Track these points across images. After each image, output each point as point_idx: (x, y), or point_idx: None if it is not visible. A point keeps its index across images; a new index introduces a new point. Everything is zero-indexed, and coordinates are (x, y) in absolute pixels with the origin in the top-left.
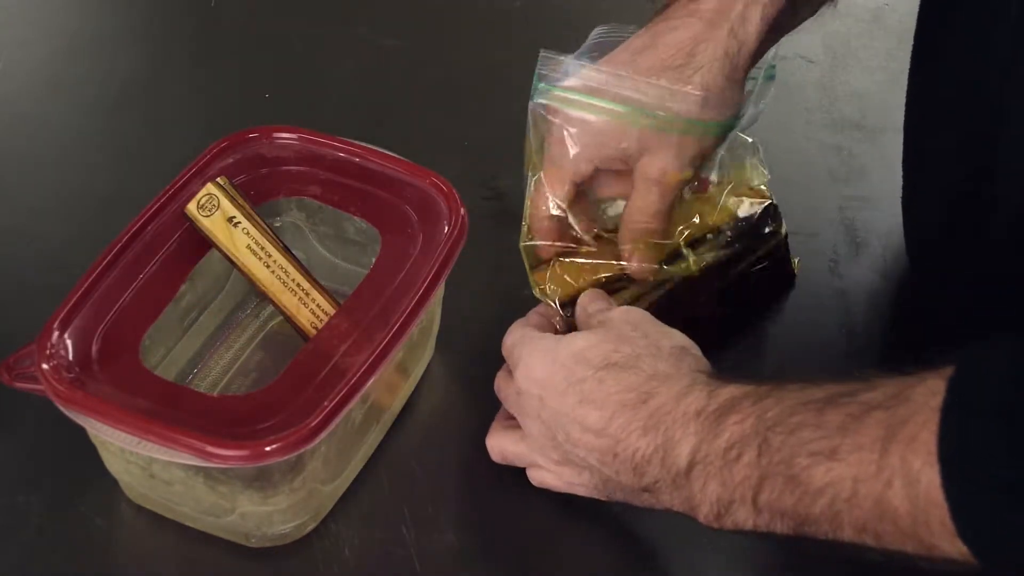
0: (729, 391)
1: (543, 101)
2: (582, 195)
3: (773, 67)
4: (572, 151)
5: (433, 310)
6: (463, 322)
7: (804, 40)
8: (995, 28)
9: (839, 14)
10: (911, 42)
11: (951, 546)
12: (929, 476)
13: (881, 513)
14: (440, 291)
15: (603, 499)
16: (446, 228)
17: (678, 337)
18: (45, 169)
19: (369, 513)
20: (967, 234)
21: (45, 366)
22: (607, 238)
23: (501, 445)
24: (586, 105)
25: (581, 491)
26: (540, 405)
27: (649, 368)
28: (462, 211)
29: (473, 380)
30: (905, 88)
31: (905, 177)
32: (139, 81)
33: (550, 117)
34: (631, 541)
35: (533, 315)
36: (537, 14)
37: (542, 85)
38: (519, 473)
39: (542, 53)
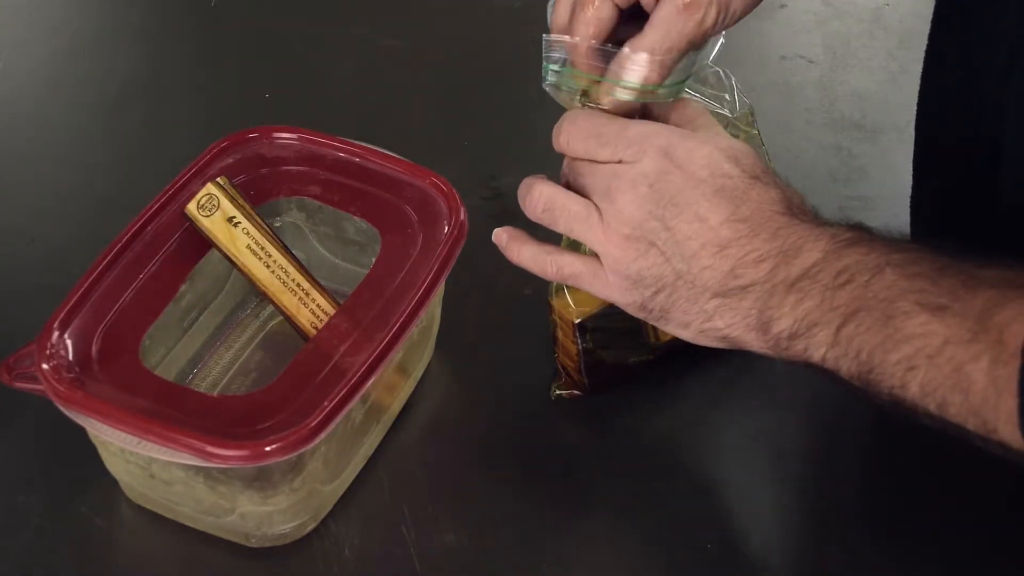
0: (864, 233)
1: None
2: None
3: None
4: None
5: (433, 310)
6: (463, 322)
7: (804, 40)
8: (995, 27)
9: (839, 14)
10: (911, 42)
11: (1010, 434)
12: (1013, 365)
13: (957, 381)
14: (440, 291)
15: (626, 300)
16: (446, 228)
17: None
18: (45, 169)
19: (369, 513)
20: (970, 233)
21: (45, 366)
22: None
23: (555, 194)
24: None
25: (610, 283)
26: (663, 175)
27: (796, 200)
28: (462, 211)
29: (473, 380)
30: (905, 88)
31: (914, 175)
32: (139, 81)
33: None
34: (632, 540)
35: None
36: (537, 14)
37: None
38: (519, 473)
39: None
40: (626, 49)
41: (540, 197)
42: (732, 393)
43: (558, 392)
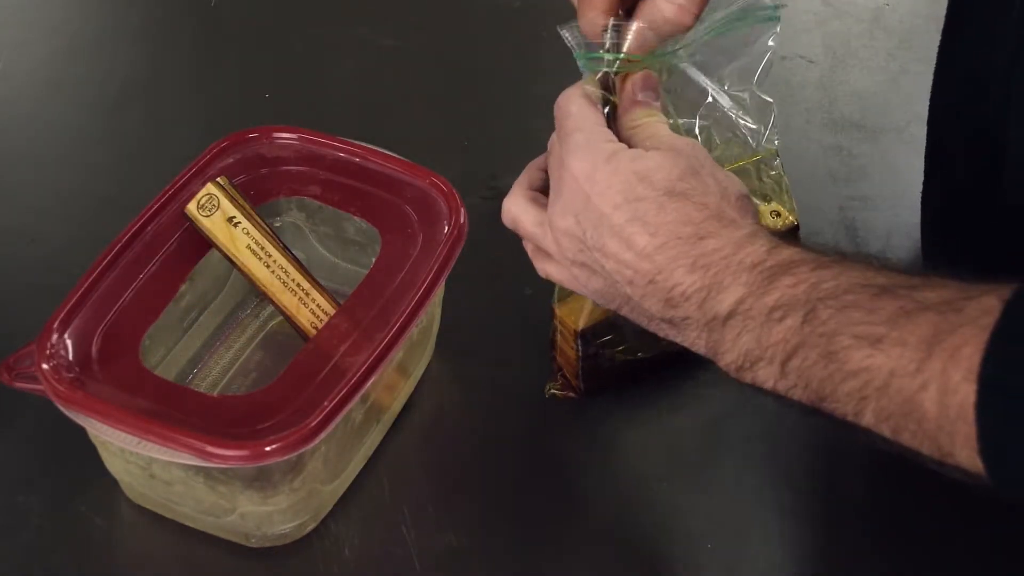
0: (790, 252)
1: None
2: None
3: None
4: None
5: (433, 310)
6: (463, 322)
7: (804, 40)
8: (1001, 25)
9: (839, 14)
10: (911, 42)
11: (968, 460)
12: (966, 391)
13: (909, 411)
14: (440, 291)
15: (602, 304)
16: (446, 228)
17: (740, 183)
18: (45, 169)
19: (369, 513)
20: (976, 229)
21: (45, 366)
22: None
23: (517, 214)
24: None
25: (583, 292)
26: (583, 204)
27: (714, 207)
28: (462, 211)
29: (473, 380)
30: (905, 88)
31: (925, 171)
32: (139, 81)
33: None
34: (632, 540)
35: (580, 89)
36: (537, 14)
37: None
38: (519, 473)
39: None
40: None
41: (506, 212)
42: (732, 392)
43: (552, 392)
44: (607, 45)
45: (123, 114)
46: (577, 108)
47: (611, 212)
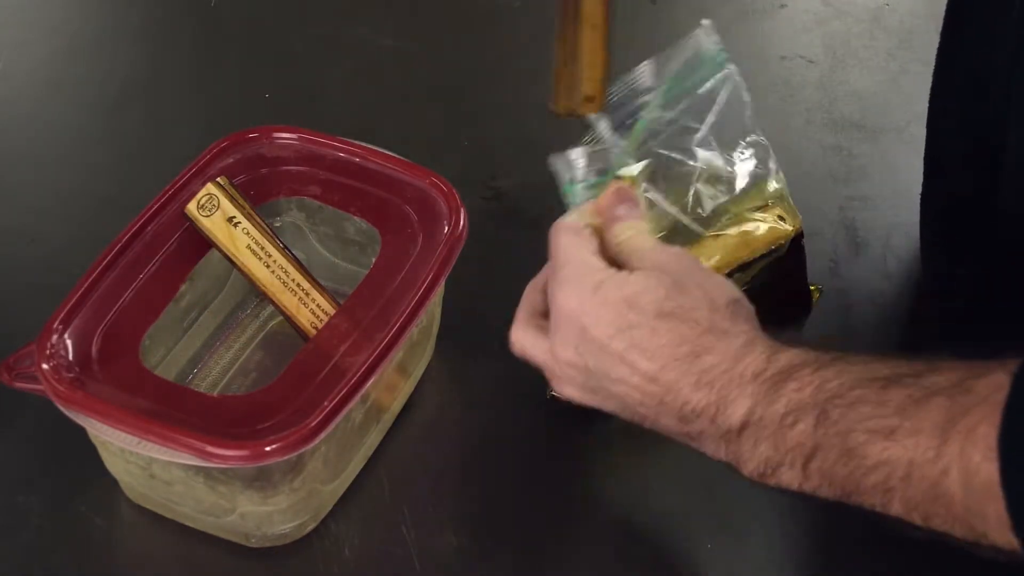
0: (788, 356)
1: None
2: None
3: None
4: None
5: (433, 310)
6: (463, 322)
7: (804, 40)
8: (1000, 23)
9: (839, 14)
10: (911, 42)
11: (1002, 537)
12: (988, 470)
13: (935, 497)
14: (440, 291)
15: (625, 417)
16: (446, 228)
17: (729, 287)
18: (45, 169)
19: (369, 513)
20: (975, 230)
21: (45, 366)
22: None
23: (525, 345)
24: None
25: (600, 407)
26: (580, 336)
27: (705, 321)
28: (462, 211)
29: (473, 380)
30: (905, 88)
31: (924, 171)
32: (139, 81)
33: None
34: (632, 540)
35: (570, 221)
36: (537, 14)
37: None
38: (519, 473)
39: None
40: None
41: (515, 345)
42: None
43: (553, 392)
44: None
45: (123, 114)
46: (564, 241)
47: (608, 342)
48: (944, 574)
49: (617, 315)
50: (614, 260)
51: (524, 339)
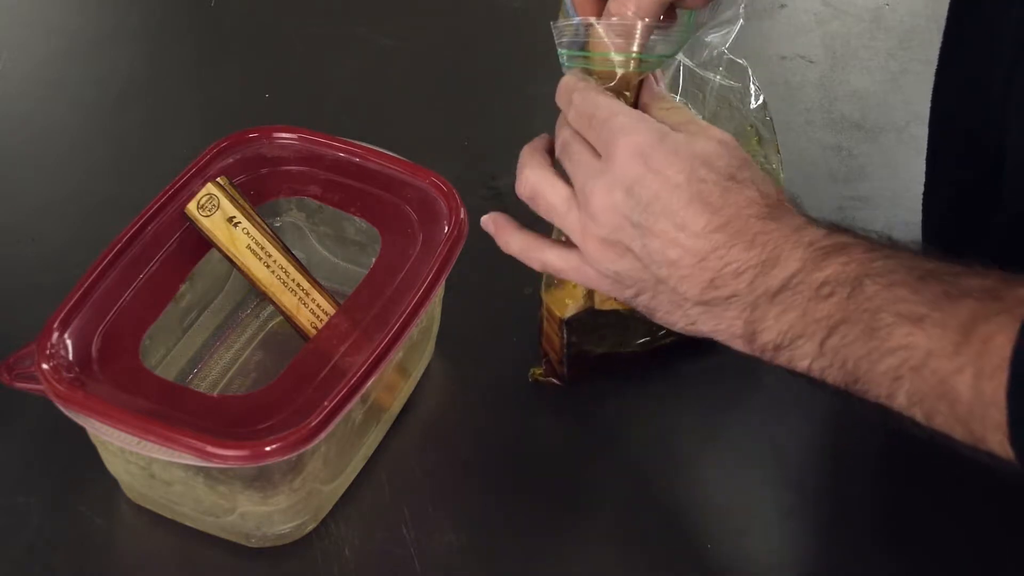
0: (845, 237)
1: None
2: None
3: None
4: None
5: (433, 310)
6: (463, 322)
7: (804, 40)
8: (999, 27)
9: (839, 14)
10: (911, 42)
11: (999, 446)
12: (999, 379)
13: (943, 392)
14: (440, 291)
15: (612, 294)
16: (446, 228)
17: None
18: (45, 169)
19: (369, 513)
20: (975, 232)
21: (45, 366)
22: None
23: (540, 184)
24: None
25: (588, 278)
26: (637, 179)
27: (774, 196)
28: (462, 211)
29: (473, 380)
30: (905, 88)
31: (926, 171)
32: (139, 81)
33: None
34: (633, 540)
35: (596, 89)
36: (537, 14)
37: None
38: (519, 473)
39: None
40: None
41: (527, 183)
42: (732, 391)
43: (537, 377)
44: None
45: (123, 114)
46: (604, 97)
47: (670, 192)
48: (945, 573)
49: (689, 166)
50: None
51: (543, 179)
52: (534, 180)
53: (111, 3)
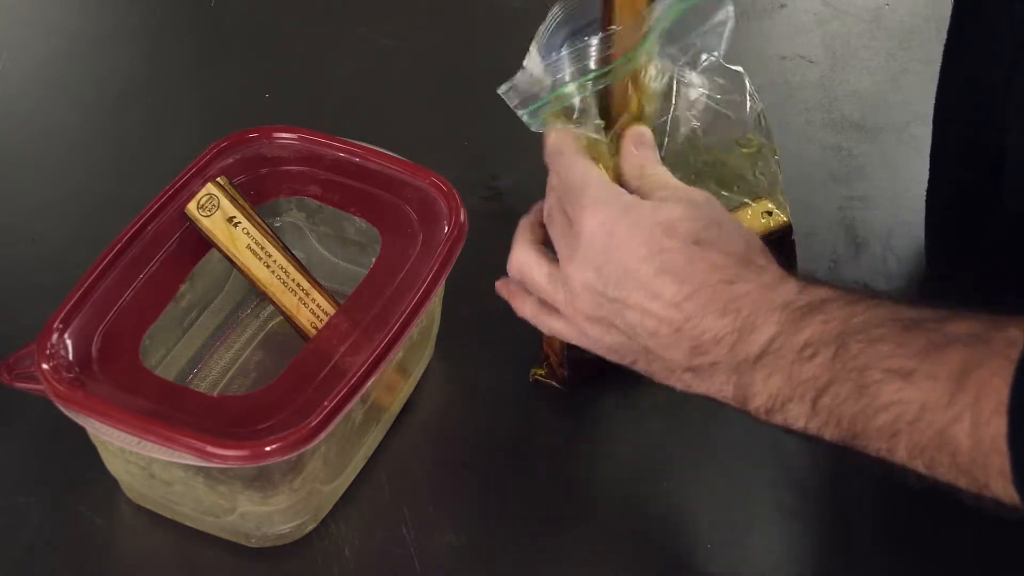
0: (819, 291)
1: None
2: None
3: None
4: None
5: (433, 310)
6: (463, 322)
7: (804, 40)
8: (1001, 26)
9: (839, 14)
10: (911, 42)
11: (1003, 491)
12: (997, 424)
13: (942, 443)
14: (440, 291)
15: (610, 359)
16: (446, 228)
17: (757, 238)
18: (45, 169)
19: (369, 513)
20: (976, 231)
21: (45, 366)
22: None
23: (525, 266)
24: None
25: (590, 346)
26: (604, 258)
27: (741, 255)
28: (462, 211)
29: (473, 380)
30: (905, 88)
31: (930, 171)
32: (139, 81)
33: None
34: (633, 540)
35: (570, 145)
36: (537, 14)
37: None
38: (519, 473)
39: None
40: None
41: (514, 263)
42: None
43: (537, 377)
44: (567, 76)
45: (123, 114)
46: (581, 165)
47: (637, 265)
48: (945, 572)
49: (651, 238)
50: (635, 193)
51: (527, 260)
52: (521, 260)
53: (111, 3)
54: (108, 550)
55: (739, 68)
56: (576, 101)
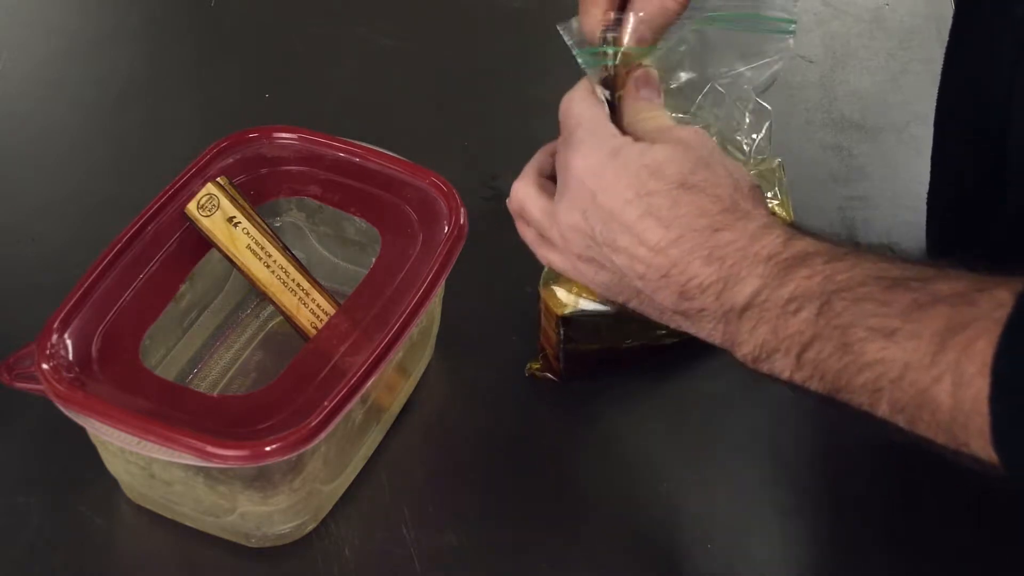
0: (804, 244)
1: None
2: None
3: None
4: None
5: (433, 310)
6: (463, 322)
7: (804, 40)
8: (1002, 26)
9: (839, 14)
10: (911, 42)
11: (983, 450)
12: (979, 385)
13: (923, 402)
14: (440, 291)
15: (607, 296)
16: (446, 228)
17: (748, 174)
18: (45, 169)
19: (369, 513)
20: (979, 230)
21: (45, 366)
22: None
23: (524, 200)
24: None
25: (586, 283)
26: (590, 201)
27: (727, 199)
28: (462, 211)
29: (473, 380)
30: (905, 88)
31: (931, 171)
32: (139, 81)
33: None
34: (633, 540)
35: (583, 89)
36: (537, 14)
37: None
38: (519, 473)
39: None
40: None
41: (515, 196)
42: (732, 390)
43: (533, 371)
44: (608, 39)
45: (123, 114)
46: (579, 106)
47: (622, 208)
48: (945, 572)
49: (637, 181)
50: (631, 135)
51: (526, 193)
52: (521, 193)
53: (111, 3)
54: (108, 550)
55: (767, 106)
56: (609, 63)
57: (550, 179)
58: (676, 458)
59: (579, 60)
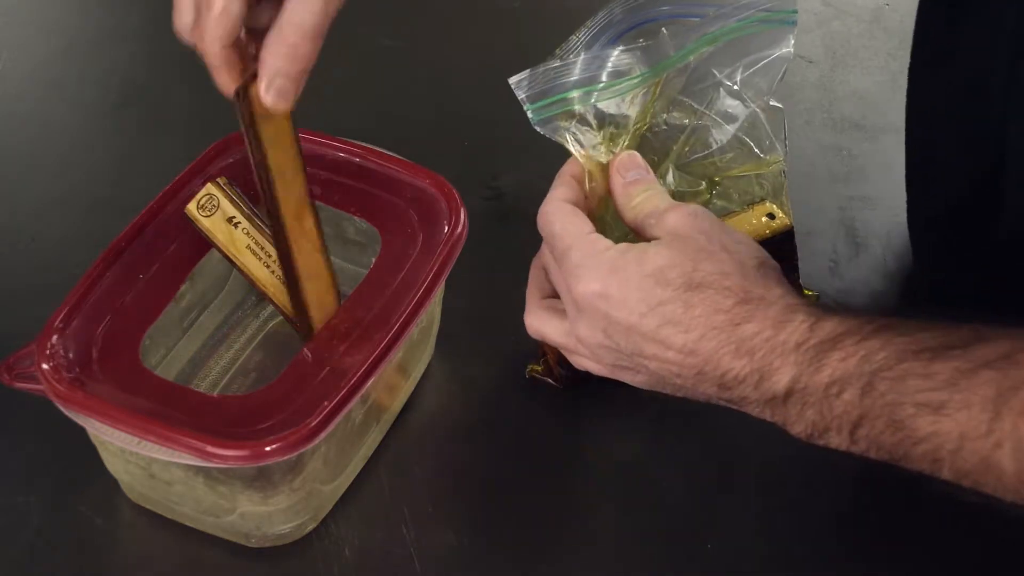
0: (831, 325)
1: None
2: None
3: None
4: None
5: (433, 310)
6: (463, 322)
7: (804, 40)
8: (997, 30)
9: (839, 14)
10: (911, 42)
11: None
12: None
13: (986, 469)
14: (440, 291)
15: (652, 390)
16: (446, 228)
17: (755, 247)
18: (45, 169)
19: (369, 513)
20: (973, 235)
21: (45, 366)
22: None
23: (542, 329)
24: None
25: (627, 382)
26: (606, 320)
27: (739, 289)
28: (462, 211)
29: (473, 380)
30: (905, 88)
31: (908, 178)
32: (139, 81)
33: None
34: (633, 539)
35: (562, 187)
36: (537, 14)
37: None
38: (519, 473)
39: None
40: None
41: (531, 329)
42: None
43: (533, 373)
44: (575, 81)
45: (123, 114)
46: (560, 223)
47: (639, 322)
48: (944, 572)
49: (644, 293)
50: (631, 226)
51: (541, 324)
52: (535, 327)
53: (111, 3)
54: (108, 550)
55: (780, 105)
56: (577, 107)
57: (553, 295)
58: (675, 457)
59: (530, 116)
